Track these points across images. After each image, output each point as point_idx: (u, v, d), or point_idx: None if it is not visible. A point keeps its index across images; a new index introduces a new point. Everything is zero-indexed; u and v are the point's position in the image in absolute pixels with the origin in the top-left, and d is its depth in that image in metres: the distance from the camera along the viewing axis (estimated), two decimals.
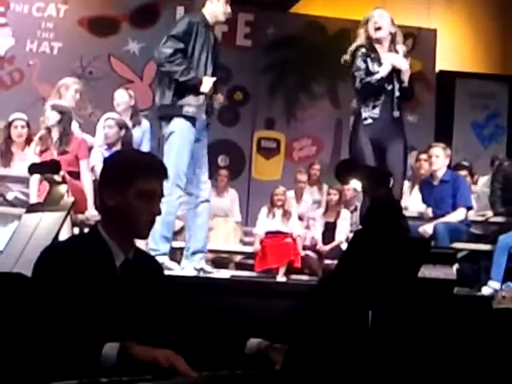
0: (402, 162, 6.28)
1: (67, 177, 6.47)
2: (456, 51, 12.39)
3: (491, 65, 12.59)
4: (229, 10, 6.31)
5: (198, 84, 6.01)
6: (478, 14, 12.46)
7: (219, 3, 6.26)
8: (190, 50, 6.06)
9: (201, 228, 6.27)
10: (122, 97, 7.88)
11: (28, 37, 11.06)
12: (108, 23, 11.27)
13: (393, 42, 6.37)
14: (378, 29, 6.33)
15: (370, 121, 6.21)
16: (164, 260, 5.91)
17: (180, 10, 11.55)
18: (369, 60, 6.29)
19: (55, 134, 6.94)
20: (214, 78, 6.11)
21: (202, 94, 6.05)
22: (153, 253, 5.95)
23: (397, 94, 6.27)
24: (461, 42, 12.42)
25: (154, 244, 6.01)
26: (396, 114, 6.25)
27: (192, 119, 6.06)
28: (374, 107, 6.23)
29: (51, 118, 6.93)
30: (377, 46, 6.36)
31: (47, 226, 5.10)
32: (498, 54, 12.58)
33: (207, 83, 6.04)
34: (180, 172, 6.01)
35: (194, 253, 6.20)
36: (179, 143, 6.03)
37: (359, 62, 6.29)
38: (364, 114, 6.24)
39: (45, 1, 11.11)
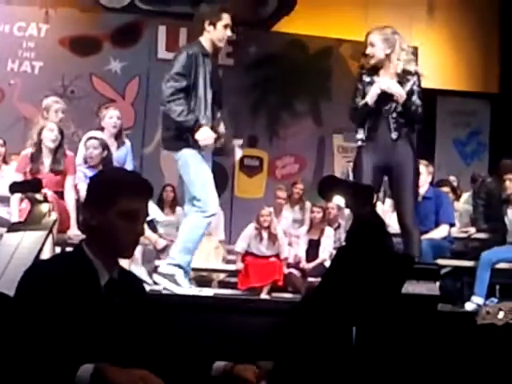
0: (408, 184, 6.06)
1: (55, 197, 6.46)
2: (438, 69, 12.42)
3: (473, 83, 12.65)
4: (228, 34, 6.15)
5: (195, 129, 5.87)
6: (460, 33, 12.53)
7: (216, 31, 6.10)
8: (192, 85, 5.93)
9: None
10: (117, 117, 7.76)
11: (9, 56, 11.05)
12: (89, 42, 11.27)
13: (390, 61, 6.09)
14: (371, 57, 6.17)
15: (366, 143, 6.07)
16: (176, 273, 5.87)
17: (162, 29, 11.60)
18: (365, 84, 6.16)
19: (50, 155, 6.87)
20: (214, 134, 5.96)
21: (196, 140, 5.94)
22: (169, 261, 5.95)
23: (393, 115, 6.05)
24: (442, 59, 12.47)
25: (172, 253, 5.99)
26: (394, 135, 6.01)
27: (198, 148, 5.98)
28: (369, 130, 6.08)
29: (56, 138, 6.87)
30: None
31: (29, 245, 5.06)
32: (479, 72, 12.64)
33: (204, 133, 5.89)
34: (208, 191, 5.96)
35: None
36: (197, 167, 5.97)
37: (357, 88, 6.19)
38: (360, 137, 6.15)
39: (26, 20, 11.10)
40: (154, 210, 7.28)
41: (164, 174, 11.30)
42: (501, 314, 3.46)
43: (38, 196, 5.54)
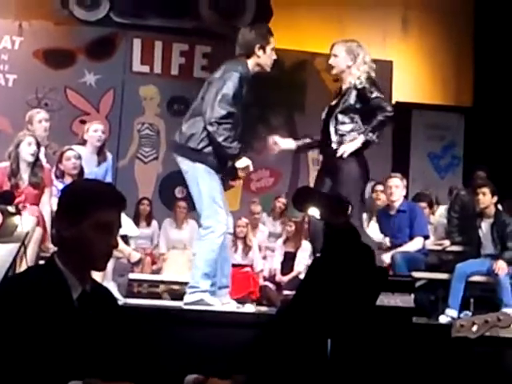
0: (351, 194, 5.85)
1: (39, 211, 6.44)
2: (412, 83, 12.50)
3: (447, 96, 12.72)
4: (274, 57, 6.08)
5: (236, 157, 5.87)
6: (433, 46, 12.60)
7: (266, 55, 6.02)
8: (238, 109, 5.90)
9: (227, 261, 6.09)
10: (102, 131, 7.64)
11: None
12: (64, 55, 11.21)
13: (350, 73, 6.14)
14: (333, 67, 6.22)
15: (322, 158, 6.32)
16: (204, 297, 5.74)
17: (137, 43, 11.57)
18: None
19: (28, 169, 6.80)
20: (250, 163, 5.97)
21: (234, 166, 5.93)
22: (192, 290, 5.81)
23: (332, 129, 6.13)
24: (416, 73, 12.54)
25: (193, 282, 5.84)
26: (334, 146, 6.05)
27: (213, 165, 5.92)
28: (322, 144, 6.25)
29: (35, 152, 6.79)
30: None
31: (0, 258, 5.03)
32: (453, 86, 12.71)
33: (244, 162, 5.92)
34: (217, 208, 5.84)
35: (220, 287, 5.98)
36: (209, 183, 5.86)
37: None
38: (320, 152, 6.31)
39: None
40: (127, 225, 7.21)
41: (139, 186, 11.27)
42: (474, 327, 3.46)
43: (11, 208, 5.50)
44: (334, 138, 6.07)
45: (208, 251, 5.82)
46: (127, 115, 11.45)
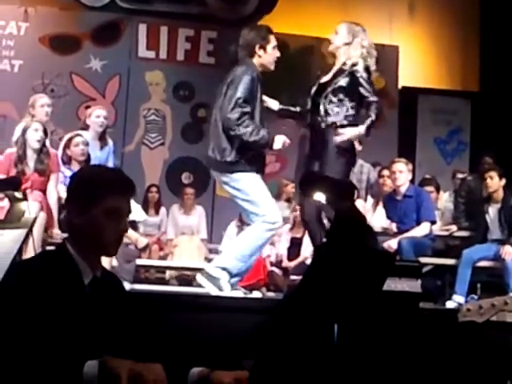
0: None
1: (42, 196, 6.44)
2: (418, 67, 12.46)
3: (453, 81, 12.68)
4: (277, 54, 6.15)
5: (270, 142, 5.86)
6: (440, 31, 12.56)
7: (267, 54, 6.07)
8: (252, 111, 5.88)
9: (256, 255, 6.10)
10: (104, 117, 7.67)
11: None
12: (69, 41, 11.21)
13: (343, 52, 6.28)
14: (331, 43, 6.40)
15: (309, 134, 6.51)
16: (222, 277, 5.72)
17: (142, 28, 11.55)
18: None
19: (34, 155, 6.80)
20: (285, 137, 5.96)
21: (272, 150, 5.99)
22: (218, 264, 5.82)
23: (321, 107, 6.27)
24: (423, 58, 12.50)
25: (226, 257, 5.89)
26: (322, 125, 6.24)
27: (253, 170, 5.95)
28: (311, 120, 6.44)
29: (41, 139, 6.78)
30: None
31: (8, 244, 5.03)
32: (459, 71, 12.67)
33: (279, 141, 5.90)
34: (272, 204, 5.93)
35: (235, 275, 5.91)
36: (256, 186, 5.89)
37: None
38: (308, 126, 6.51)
39: (5, 19, 11.03)
40: (134, 210, 7.19)
41: (145, 172, 11.27)
42: (481, 311, 3.46)
43: (18, 194, 5.49)
44: (323, 117, 6.21)
45: (255, 237, 5.82)
46: (133, 101, 11.44)
